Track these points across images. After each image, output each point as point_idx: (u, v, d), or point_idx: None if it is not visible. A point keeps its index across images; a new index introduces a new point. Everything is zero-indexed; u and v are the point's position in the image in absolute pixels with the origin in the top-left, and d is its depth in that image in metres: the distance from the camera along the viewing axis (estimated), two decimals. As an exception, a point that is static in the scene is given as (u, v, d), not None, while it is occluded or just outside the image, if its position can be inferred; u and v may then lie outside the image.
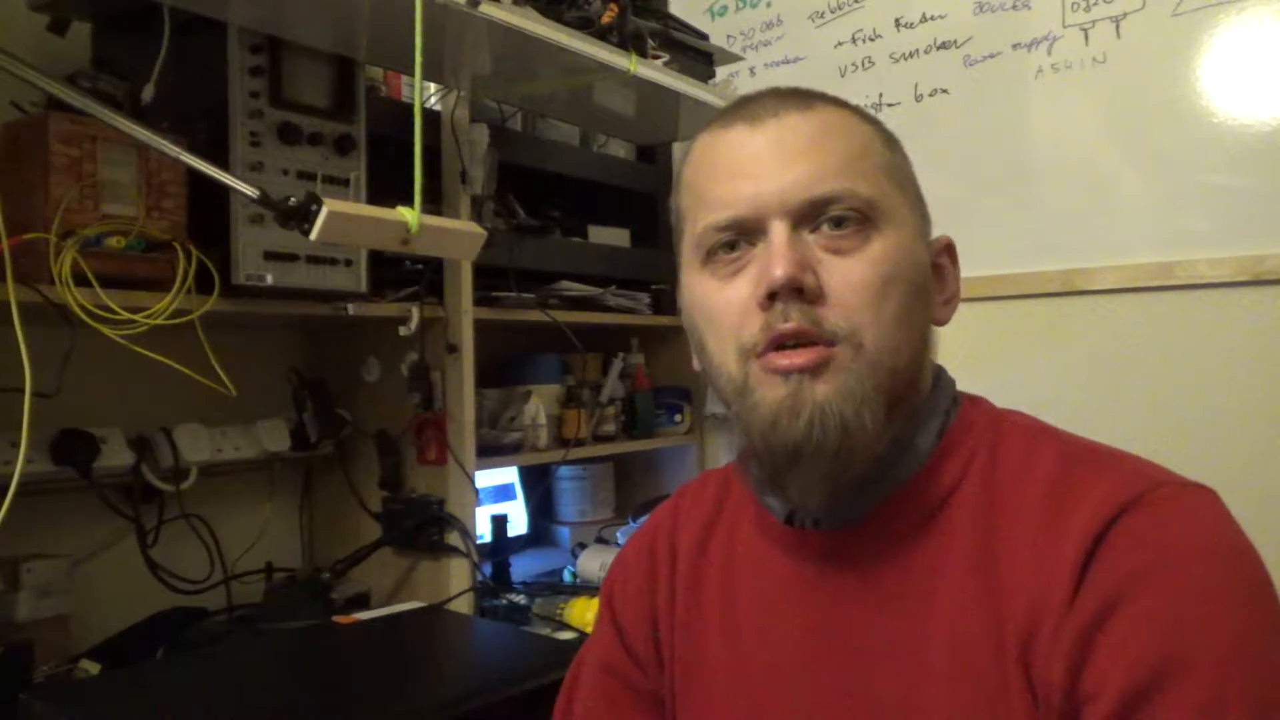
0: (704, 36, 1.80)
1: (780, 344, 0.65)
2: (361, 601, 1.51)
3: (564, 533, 2.00)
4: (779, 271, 0.64)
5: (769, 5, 2.07)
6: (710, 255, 0.70)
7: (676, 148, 2.13)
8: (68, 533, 1.35)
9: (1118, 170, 1.65)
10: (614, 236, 1.96)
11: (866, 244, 0.66)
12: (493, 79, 1.53)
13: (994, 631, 0.62)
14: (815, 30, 2.00)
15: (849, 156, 0.68)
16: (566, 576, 1.73)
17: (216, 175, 0.92)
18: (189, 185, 1.18)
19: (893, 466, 0.69)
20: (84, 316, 1.04)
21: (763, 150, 0.68)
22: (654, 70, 1.53)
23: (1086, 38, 1.69)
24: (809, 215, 0.67)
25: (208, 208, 1.18)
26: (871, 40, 1.94)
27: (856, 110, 0.72)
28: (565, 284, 1.76)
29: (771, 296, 0.65)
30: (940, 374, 0.75)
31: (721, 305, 0.69)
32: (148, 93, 1.21)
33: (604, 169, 1.99)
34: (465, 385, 1.53)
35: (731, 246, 0.69)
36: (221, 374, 1.18)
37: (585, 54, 1.39)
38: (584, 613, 1.37)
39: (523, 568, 1.79)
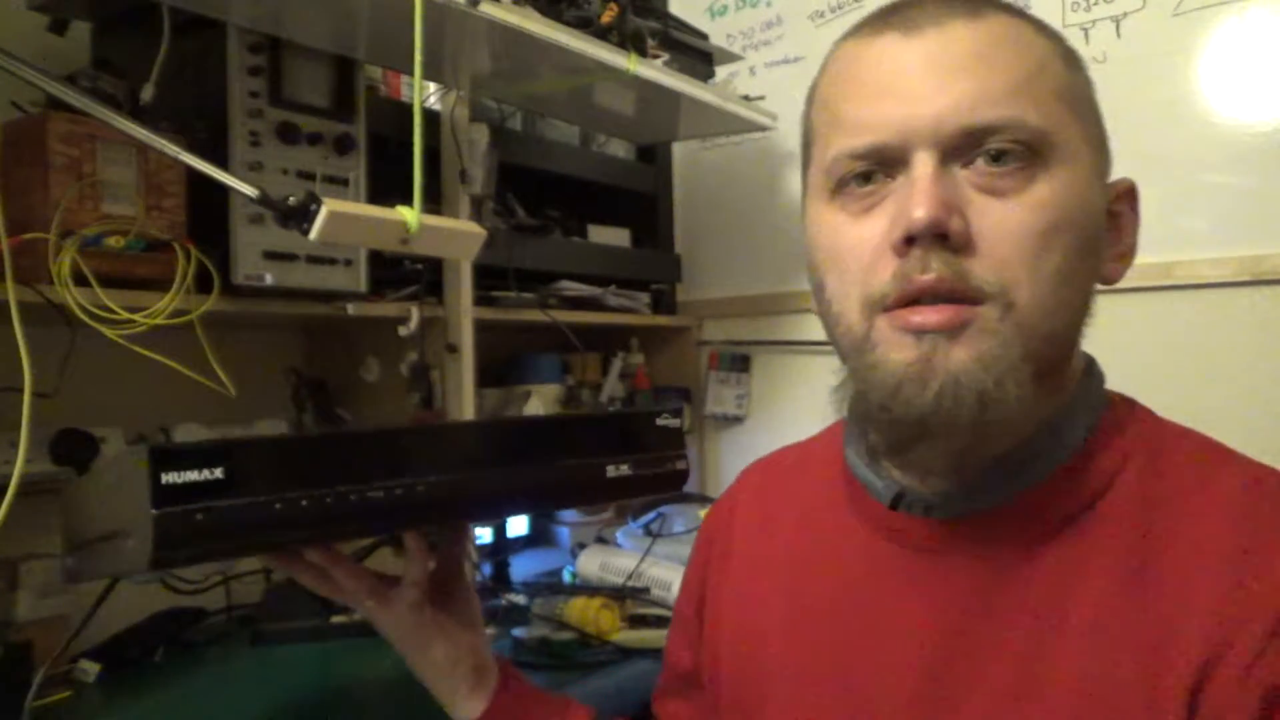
0: (704, 36, 1.80)
1: (915, 299, 0.56)
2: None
3: (564, 533, 2.00)
4: (920, 212, 0.54)
5: (769, 5, 2.06)
6: (842, 186, 0.60)
7: (676, 148, 2.13)
8: (67, 533, 1.35)
9: (1117, 170, 1.64)
10: (614, 236, 1.96)
11: (1030, 184, 0.56)
12: (493, 79, 1.53)
13: (1145, 671, 0.52)
14: (815, 30, 2.00)
15: (1021, 76, 0.57)
16: (566, 576, 1.72)
17: (216, 175, 0.92)
18: (189, 185, 1.17)
19: (1035, 455, 0.59)
20: (83, 316, 1.04)
21: (917, 65, 0.57)
22: (654, 70, 1.53)
23: (1086, 37, 1.68)
24: (964, 147, 0.56)
25: (207, 207, 1.18)
26: (871, 40, 1.94)
27: (1034, 21, 0.61)
28: (565, 284, 1.76)
29: (909, 241, 0.55)
30: (1091, 361, 0.66)
31: (849, 245, 0.59)
32: (147, 92, 1.20)
33: (604, 169, 1.98)
34: (465, 385, 1.52)
35: (867, 178, 0.59)
36: (221, 374, 1.18)
37: (585, 53, 1.39)
38: (583, 612, 1.36)
39: (522, 568, 1.79)
